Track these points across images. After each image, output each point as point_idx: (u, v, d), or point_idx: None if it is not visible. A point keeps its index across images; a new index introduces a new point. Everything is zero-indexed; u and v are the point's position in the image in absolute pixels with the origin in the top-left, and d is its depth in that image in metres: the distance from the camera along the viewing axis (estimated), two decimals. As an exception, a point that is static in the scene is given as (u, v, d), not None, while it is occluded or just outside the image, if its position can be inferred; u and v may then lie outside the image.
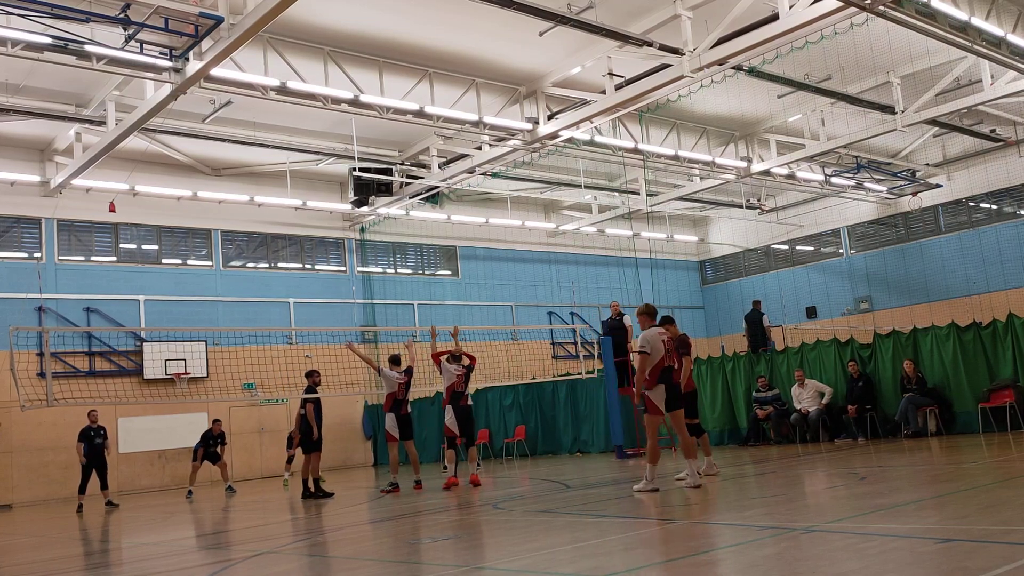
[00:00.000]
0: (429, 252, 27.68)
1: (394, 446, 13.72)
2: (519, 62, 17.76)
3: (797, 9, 13.84)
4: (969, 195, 26.47)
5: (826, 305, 29.65)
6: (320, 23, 15.42)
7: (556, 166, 23.57)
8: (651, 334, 9.57)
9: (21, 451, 19.66)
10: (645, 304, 10.04)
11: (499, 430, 22.04)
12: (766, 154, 23.54)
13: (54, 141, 20.25)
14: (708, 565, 5.44)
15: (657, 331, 9.63)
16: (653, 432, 9.67)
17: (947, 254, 26.72)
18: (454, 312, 26.76)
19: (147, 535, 11.00)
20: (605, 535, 7.02)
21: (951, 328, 15.30)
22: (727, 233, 32.21)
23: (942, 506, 6.94)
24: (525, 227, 27.57)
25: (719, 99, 19.93)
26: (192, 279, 22.92)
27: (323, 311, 24.58)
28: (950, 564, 4.58)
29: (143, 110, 15.91)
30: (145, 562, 8.24)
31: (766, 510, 7.70)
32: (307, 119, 19.70)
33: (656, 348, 9.46)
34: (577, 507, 9.14)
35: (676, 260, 32.70)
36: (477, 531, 8.14)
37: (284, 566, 7.08)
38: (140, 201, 21.49)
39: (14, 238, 20.78)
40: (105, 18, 12.92)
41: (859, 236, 29.51)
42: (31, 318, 20.22)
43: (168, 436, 21.15)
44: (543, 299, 29.10)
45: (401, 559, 6.82)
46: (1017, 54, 16.23)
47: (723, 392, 18.23)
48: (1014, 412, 14.04)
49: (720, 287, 33.37)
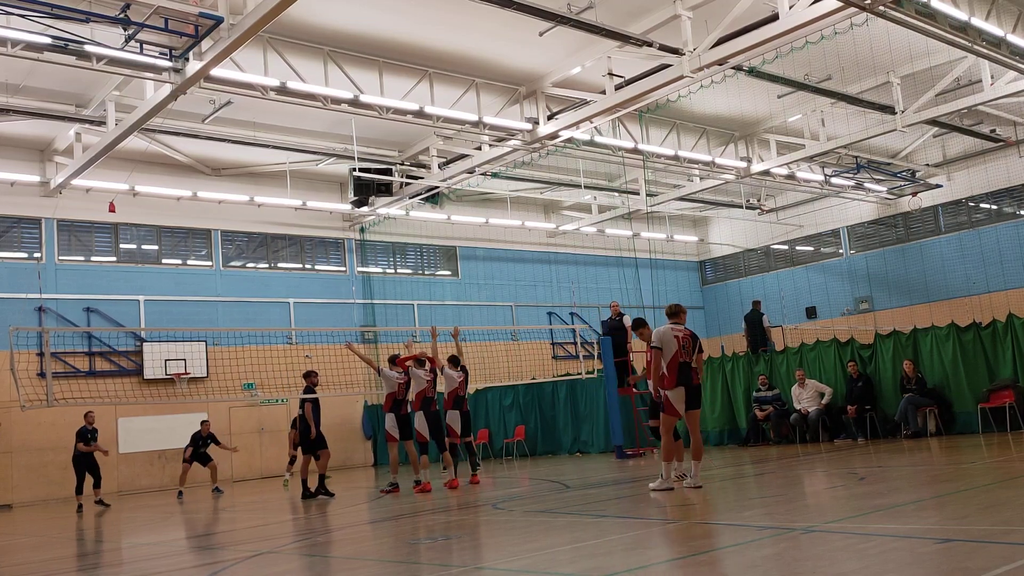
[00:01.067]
0: (429, 252, 27.68)
1: (394, 446, 13.74)
2: (519, 62, 17.76)
3: (797, 9, 13.84)
4: (969, 195, 26.47)
5: (826, 305, 29.65)
6: (320, 23, 15.42)
7: (556, 166, 23.57)
8: (663, 329, 9.50)
9: (21, 451, 19.66)
10: (672, 304, 9.92)
11: (499, 430, 22.04)
12: (766, 154, 23.54)
13: (54, 141, 20.25)
14: (708, 565, 5.44)
15: (669, 326, 9.54)
16: (668, 430, 9.61)
17: (947, 254, 26.72)
18: (454, 312, 26.76)
19: (146, 535, 11.00)
20: (605, 535, 7.02)
21: (951, 328, 15.31)
22: (727, 233, 32.21)
23: (942, 506, 6.94)
24: (525, 227, 27.57)
25: (719, 99, 19.93)
26: (192, 279, 22.92)
27: (323, 311, 24.58)
28: (950, 564, 4.58)
29: (143, 110, 15.91)
30: (145, 562, 8.23)
31: (766, 510, 7.70)
32: (307, 119, 19.70)
33: (668, 343, 9.37)
34: (577, 507, 9.13)
35: (676, 260, 32.69)
36: (477, 531, 8.14)
37: (284, 566, 7.08)
38: (140, 201, 21.49)
39: (14, 238, 20.78)
40: (105, 18, 12.92)
41: (859, 236, 29.50)
42: (31, 318, 20.22)
43: (168, 436, 21.13)
44: (543, 299, 29.09)
45: (401, 559, 6.81)
46: (1017, 54, 16.23)
47: (723, 392, 18.23)
48: (1014, 412, 14.04)
49: (720, 287, 33.37)
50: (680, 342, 9.43)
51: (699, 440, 9.71)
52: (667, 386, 9.41)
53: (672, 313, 9.80)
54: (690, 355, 9.49)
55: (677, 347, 9.38)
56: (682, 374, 9.39)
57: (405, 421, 13.57)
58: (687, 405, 9.43)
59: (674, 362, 9.37)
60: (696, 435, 9.68)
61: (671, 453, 9.56)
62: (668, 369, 9.39)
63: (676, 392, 9.39)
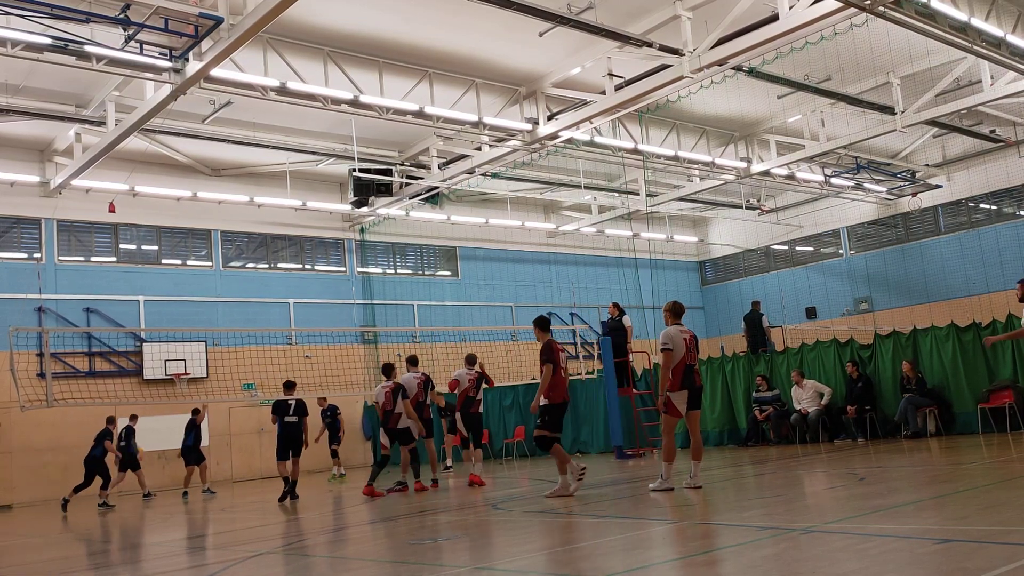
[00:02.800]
0: (429, 253, 27.68)
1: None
2: (519, 62, 17.76)
3: (797, 10, 13.85)
4: (969, 196, 26.47)
5: (826, 306, 29.66)
6: (320, 23, 15.42)
7: (556, 167, 23.58)
8: (673, 331, 9.46)
9: (21, 452, 19.66)
10: (672, 302, 9.87)
11: (499, 430, 22.04)
12: (766, 155, 23.54)
13: (54, 141, 20.25)
14: (707, 566, 5.44)
15: (679, 328, 9.52)
16: (670, 431, 9.60)
17: (947, 255, 26.72)
18: (454, 313, 26.77)
19: (146, 535, 11.00)
20: (604, 535, 7.02)
21: (951, 329, 15.31)
22: (727, 234, 32.22)
23: (941, 507, 6.95)
24: (525, 227, 27.57)
25: (719, 100, 19.92)
26: (192, 279, 22.92)
27: (323, 312, 24.58)
28: (949, 565, 4.58)
29: (143, 110, 15.91)
30: (144, 563, 8.23)
31: (765, 511, 7.70)
32: (307, 120, 19.70)
33: (678, 345, 9.36)
34: (576, 508, 9.13)
35: (676, 261, 32.70)
36: (477, 531, 8.14)
37: (284, 567, 7.08)
38: (140, 201, 21.49)
39: (14, 238, 20.78)
40: (105, 18, 12.92)
41: (859, 237, 29.51)
42: (31, 318, 20.22)
43: (168, 437, 21.08)
44: (543, 300, 29.08)
45: (401, 559, 6.81)
46: (1017, 55, 16.24)
47: (722, 393, 18.23)
48: (1013, 413, 14.04)
49: (720, 287, 33.38)
50: (687, 344, 9.43)
51: (699, 440, 9.73)
52: (672, 388, 9.38)
53: (678, 312, 9.75)
54: (695, 356, 9.51)
55: (685, 349, 9.38)
56: (687, 376, 9.39)
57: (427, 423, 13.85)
58: (689, 406, 9.44)
59: (681, 364, 9.36)
60: (696, 435, 9.69)
61: (672, 453, 9.56)
62: (674, 371, 9.36)
63: (680, 394, 9.38)
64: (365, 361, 23.97)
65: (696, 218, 32.39)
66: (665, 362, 9.47)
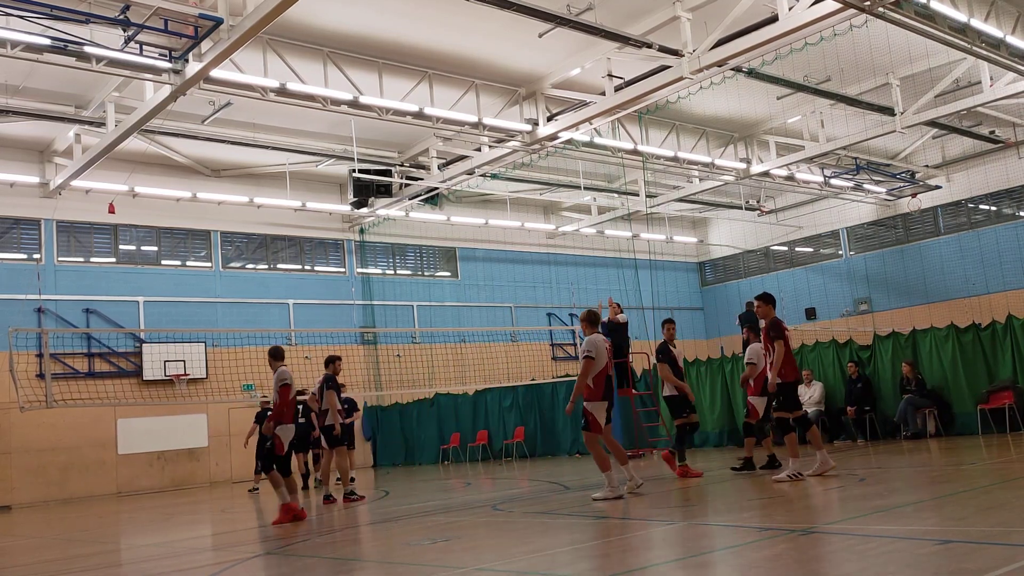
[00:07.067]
0: (428, 253, 27.68)
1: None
2: (519, 63, 17.77)
3: (796, 11, 13.86)
4: (968, 196, 26.48)
5: (825, 306, 29.66)
6: (320, 24, 15.43)
7: (555, 167, 23.58)
8: (598, 339, 9.25)
9: (20, 452, 19.65)
10: (587, 311, 9.70)
11: (498, 431, 22.04)
12: (765, 155, 23.55)
13: (54, 142, 20.25)
14: (707, 566, 5.44)
15: (602, 338, 9.31)
16: (594, 443, 9.24)
17: (946, 255, 26.72)
18: (453, 313, 26.77)
19: (145, 536, 10.99)
20: (604, 536, 7.02)
21: (950, 329, 15.31)
22: (726, 234, 32.22)
23: (941, 507, 6.94)
24: (524, 228, 27.57)
25: (718, 100, 19.93)
26: (191, 280, 22.92)
27: (322, 312, 24.58)
28: (949, 565, 4.58)
29: (143, 111, 15.92)
30: (144, 563, 8.23)
31: (765, 511, 7.70)
32: (306, 120, 19.70)
33: (601, 354, 9.15)
34: (576, 508, 9.12)
35: (675, 261, 32.71)
36: (476, 532, 8.13)
37: (283, 567, 7.08)
38: (139, 202, 21.49)
39: (13, 239, 20.79)
40: (104, 19, 12.93)
41: (858, 237, 29.52)
42: (30, 319, 20.22)
43: (167, 437, 21.15)
44: (542, 300, 29.09)
45: (400, 561, 6.81)
46: (1016, 55, 16.25)
47: (722, 393, 18.22)
48: (1013, 413, 14.04)
49: (719, 288, 33.38)
50: (608, 353, 9.31)
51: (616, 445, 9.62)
52: (592, 398, 9.09)
53: (595, 321, 9.55)
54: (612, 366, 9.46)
55: (607, 359, 9.25)
56: (608, 387, 9.24)
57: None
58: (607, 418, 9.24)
59: (602, 374, 9.17)
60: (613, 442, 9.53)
61: (606, 461, 9.19)
62: (595, 381, 9.11)
63: (600, 404, 9.14)
64: (365, 362, 23.98)
65: (696, 219, 32.40)
66: (585, 370, 9.12)
